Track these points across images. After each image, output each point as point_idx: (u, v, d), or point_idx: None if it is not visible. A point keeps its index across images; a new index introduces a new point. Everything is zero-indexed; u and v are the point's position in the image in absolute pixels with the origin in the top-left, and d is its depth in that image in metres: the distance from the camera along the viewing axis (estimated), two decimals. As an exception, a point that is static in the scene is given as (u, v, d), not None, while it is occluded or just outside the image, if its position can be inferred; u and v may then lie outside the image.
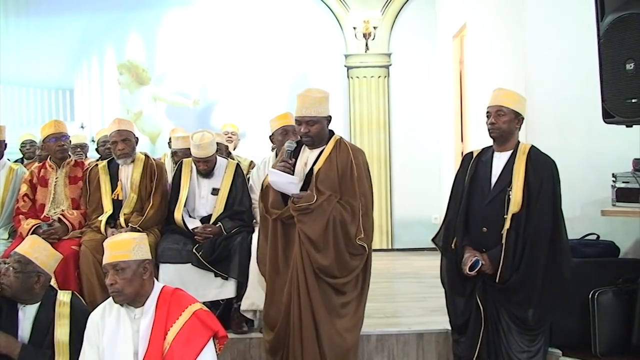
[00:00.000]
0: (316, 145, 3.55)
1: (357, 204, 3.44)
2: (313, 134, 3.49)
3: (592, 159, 4.24)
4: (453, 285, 3.55)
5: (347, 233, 3.40)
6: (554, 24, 4.42)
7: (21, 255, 3.05)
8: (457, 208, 3.54)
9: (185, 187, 4.36)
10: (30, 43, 8.07)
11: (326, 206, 3.38)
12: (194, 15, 8.04)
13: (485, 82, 5.56)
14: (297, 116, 3.50)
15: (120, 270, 2.79)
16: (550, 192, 3.32)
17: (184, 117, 7.84)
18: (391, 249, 7.78)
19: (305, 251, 3.37)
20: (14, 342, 2.95)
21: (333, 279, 3.40)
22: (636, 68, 3.08)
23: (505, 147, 3.46)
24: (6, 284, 3.01)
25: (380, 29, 7.89)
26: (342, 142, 3.58)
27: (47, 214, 4.33)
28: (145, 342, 2.79)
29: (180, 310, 2.83)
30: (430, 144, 7.74)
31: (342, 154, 3.51)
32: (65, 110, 8.16)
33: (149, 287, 2.88)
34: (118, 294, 2.80)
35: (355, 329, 3.49)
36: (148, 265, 2.89)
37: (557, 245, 3.31)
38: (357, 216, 3.43)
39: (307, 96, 3.50)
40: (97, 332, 2.86)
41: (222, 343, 2.95)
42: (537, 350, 3.33)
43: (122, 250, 2.84)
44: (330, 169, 3.47)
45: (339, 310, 3.41)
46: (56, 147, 4.42)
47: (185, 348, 2.76)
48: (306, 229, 3.37)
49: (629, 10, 3.10)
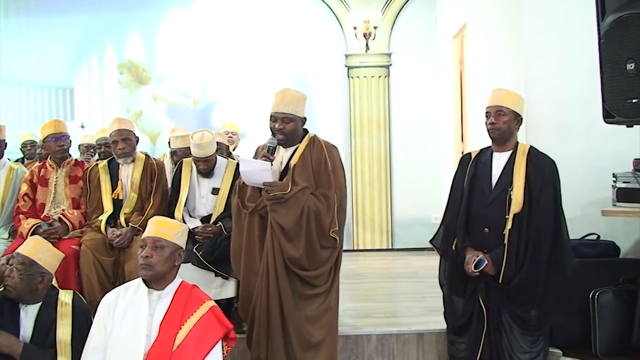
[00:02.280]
0: (289, 144, 3.57)
1: (332, 195, 3.46)
2: (287, 131, 3.51)
3: (592, 159, 4.25)
4: (453, 286, 3.54)
5: (321, 224, 3.41)
6: (554, 24, 4.42)
7: (25, 256, 3.05)
8: (457, 209, 3.54)
9: (186, 187, 4.36)
10: (30, 43, 8.07)
11: (300, 196, 3.39)
12: (194, 15, 8.04)
13: (485, 82, 5.56)
14: (274, 112, 3.52)
15: (159, 247, 2.90)
16: (552, 192, 3.33)
17: (184, 116, 7.83)
18: (391, 248, 7.78)
19: (277, 241, 3.38)
20: (15, 341, 2.94)
21: (303, 271, 3.41)
22: (637, 68, 3.08)
23: (505, 148, 3.46)
24: (11, 285, 3.01)
25: (381, 29, 7.89)
26: (316, 139, 3.62)
27: (47, 214, 4.33)
28: (158, 325, 2.84)
29: (198, 304, 2.92)
30: (431, 143, 7.74)
31: (316, 150, 3.54)
32: (65, 109, 8.15)
33: (174, 275, 2.99)
34: (149, 268, 2.87)
35: (322, 321, 3.46)
36: (182, 253, 3.02)
37: (559, 244, 3.32)
38: (332, 208, 3.44)
39: (286, 94, 3.54)
40: (108, 311, 2.91)
41: (231, 345, 3.00)
42: (538, 351, 3.33)
43: (169, 230, 2.97)
44: (305, 164, 3.50)
45: (306, 301, 3.42)
46: (56, 147, 4.42)
47: (201, 341, 2.83)
48: (279, 218, 3.38)
49: (630, 10, 3.10)
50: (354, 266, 6.79)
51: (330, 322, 3.52)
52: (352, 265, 6.83)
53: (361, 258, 7.37)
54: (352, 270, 6.53)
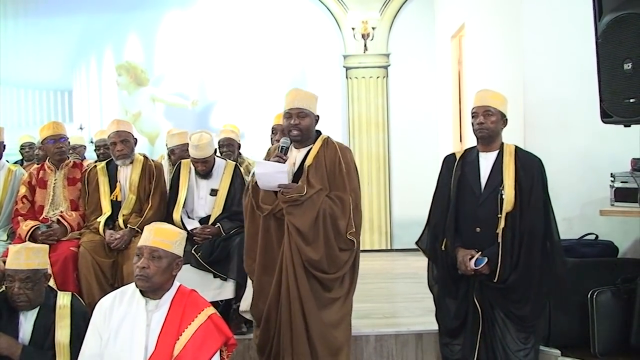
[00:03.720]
0: (303, 143, 3.53)
1: (347, 197, 3.43)
2: (303, 126, 3.47)
3: (590, 158, 4.25)
4: (445, 288, 3.54)
5: (337, 227, 3.37)
6: (552, 24, 4.42)
7: (25, 270, 3.02)
8: (444, 210, 3.53)
9: (184, 188, 4.36)
10: (28, 44, 8.07)
11: (316, 199, 3.36)
12: (193, 17, 8.04)
13: (483, 82, 5.55)
14: (288, 109, 3.48)
15: (157, 258, 2.79)
16: (541, 190, 3.35)
17: (183, 118, 7.83)
18: (390, 249, 7.77)
19: (294, 244, 3.33)
20: (14, 343, 2.95)
21: (322, 274, 3.37)
22: (634, 68, 3.08)
23: (491, 148, 3.47)
24: (24, 301, 3.01)
25: (379, 30, 7.89)
26: (330, 140, 3.58)
27: (45, 216, 4.33)
28: (155, 336, 2.76)
29: (196, 312, 2.83)
30: (429, 144, 7.73)
31: (330, 152, 3.51)
32: (64, 111, 8.16)
33: (171, 283, 2.88)
34: (146, 280, 2.77)
35: (342, 325, 3.44)
36: (180, 262, 2.90)
37: (550, 242, 3.34)
38: (348, 210, 3.41)
39: (298, 91, 3.56)
40: (104, 319, 2.83)
41: (231, 350, 2.95)
42: (531, 347, 3.35)
43: (166, 239, 2.84)
44: (319, 165, 3.46)
45: (327, 305, 3.39)
46: (54, 149, 4.42)
47: (199, 351, 2.76)
48: (295, 221, 3.34)
49: (627, 10, 3.11)
50: (353, 267, 6.78)
51: (348, 326, 3.50)
52: (351, 265, 6.82)
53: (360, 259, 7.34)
54: (351, 270, 6.52)
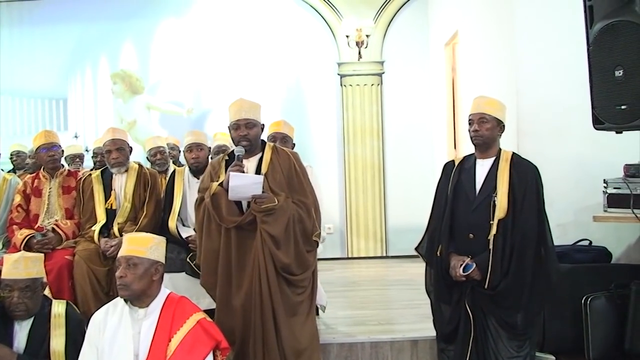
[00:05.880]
0: (252, 153, 3.57)
1: (309, 201, 3.55)
2: (252, 136, 3.52)
3: (583, 165, 4.27)
4: (439, 293, 3.55)
5: (305, 230, 3.50)
6: (545, 32, 4.45)
7: (26, 279, 3.03)
8: (441, 216, 3.55)
9: (179, 196, 4.37)
10: (23, 53, 8.07)
11: (285, 206, 3.44)
12: (188, 25, 8.05)
13: (477, 89, 5.58)
14: (235, 120, 3.52)
15: (132, 265, 2.86)
16: (535, 197, 3.34)
17: (178, 125, 7.81)
18: (385, 256, 7.77)
19: (268, 250, 3.39)
20: (9, 352, 2.95)
21: (292, 275, 3.45)
22: (625, 75, 3.11)
23: (488, 154, 3.48)
24: (22, 310, 3.02)
25: (373, 37, 7.92)
26: (278, 147, 3.68)
27: (40, 224, 4.33)
28: (146, 344, 2.81)
29: (184, 318, 2.88)
30: (424, 151, 7.75)
31: (283, 158, 3.58)
32: (59, 120, 8.14)
33: (156, 290, 2.93)
34: (125, 288, 2.85)
35: (307, 327, 3.49)
36: (160, 267, 2.96)
37: (544, 249, 3.33)
38: (312, 213, 3.54)
39: (243, 101, 3.57)
40: (98, 332, 2.89)
41: (225, 354, 2.98)
42: (525, 356, 3.33)
43: (140, 246, 2.92)
44: (276, 172, 3.53)
45: (294, 309, 3.46)
46: (47, 158, 4.43)
47: (189, 355, 2.79)
48: (270, 229, 3.39)
49: (618, 17, 3.13)
50: (348, 274, 6.79)
51: (313, 327, 3.56)
52: (347, 273, 6.83)
53: (355, 266, 7.37)
54: (346, 278, 6.53)
